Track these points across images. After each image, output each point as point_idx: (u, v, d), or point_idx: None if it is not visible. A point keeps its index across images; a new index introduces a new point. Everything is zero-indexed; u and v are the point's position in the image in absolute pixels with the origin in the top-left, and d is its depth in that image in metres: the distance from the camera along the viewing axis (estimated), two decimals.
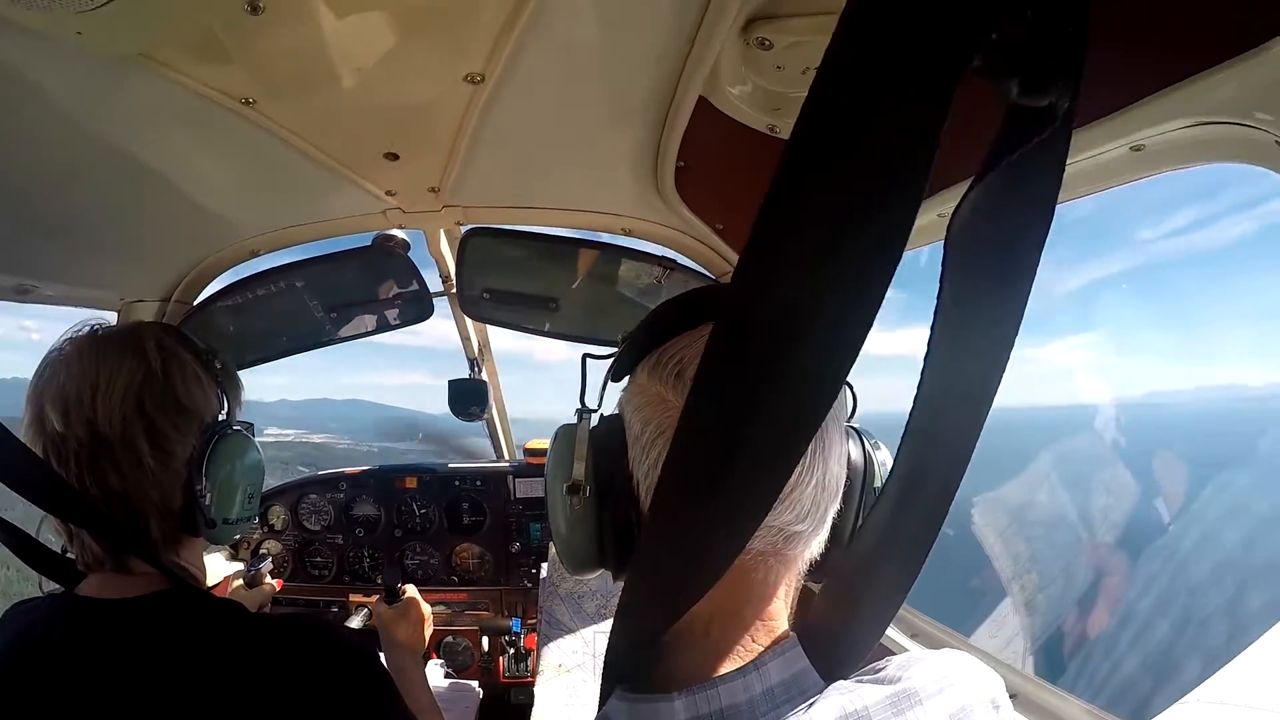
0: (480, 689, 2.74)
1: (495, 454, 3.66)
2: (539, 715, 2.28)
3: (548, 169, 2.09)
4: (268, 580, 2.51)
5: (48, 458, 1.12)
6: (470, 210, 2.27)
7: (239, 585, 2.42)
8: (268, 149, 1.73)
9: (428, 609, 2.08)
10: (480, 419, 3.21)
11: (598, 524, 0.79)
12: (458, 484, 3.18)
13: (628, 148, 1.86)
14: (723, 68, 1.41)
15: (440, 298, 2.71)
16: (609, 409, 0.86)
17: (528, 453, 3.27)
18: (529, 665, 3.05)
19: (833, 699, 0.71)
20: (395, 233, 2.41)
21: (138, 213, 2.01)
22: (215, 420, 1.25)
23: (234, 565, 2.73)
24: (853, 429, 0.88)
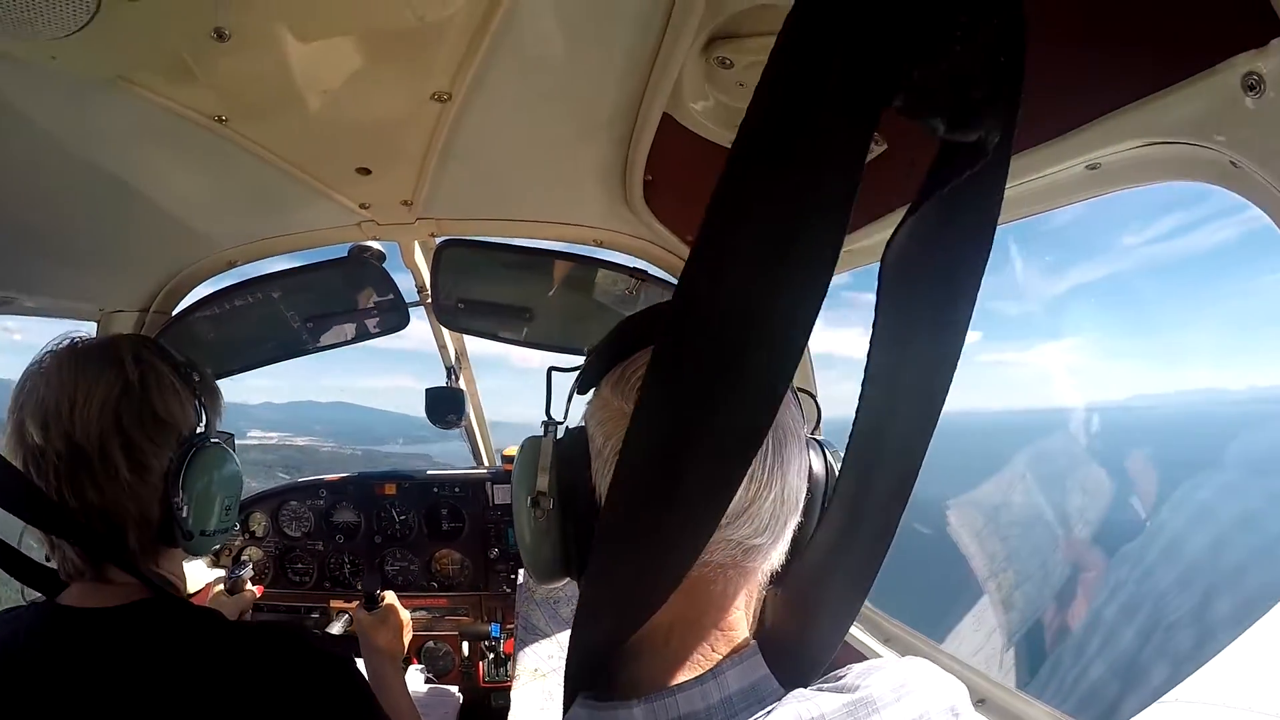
0: (460, 694, 2.76)
1: (474, 460, 3.68)
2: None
3: (518, 183, 2.13)
4: (249, 587, 2.52)
5: (27, 470, 1.13)
6: (443, 223, 2.31)
7: (220, 592, 2.43)
8: (242, 164, 1.77)
9: (407, 615, 2.08)
10: (458, 426, 3.21)
11: (561, 535, 0.79)
12: (437, 490, 3.19)
13: (596, 162, 1.90)
14: (685, 85, 1.44)
15: (416, 307, 2.74)
16: (576, 421, 0.86)
17: (506, 459, 3.27)
18: (508, 670, 3.05)
19: (790, 707, 0.72)
20: (370, 244, 2.44)
21: (116, 225, 2.04)
22: (193, 433, 1.25)
23: (215, 572, 2.73)
24: (815, 441, 0.87)
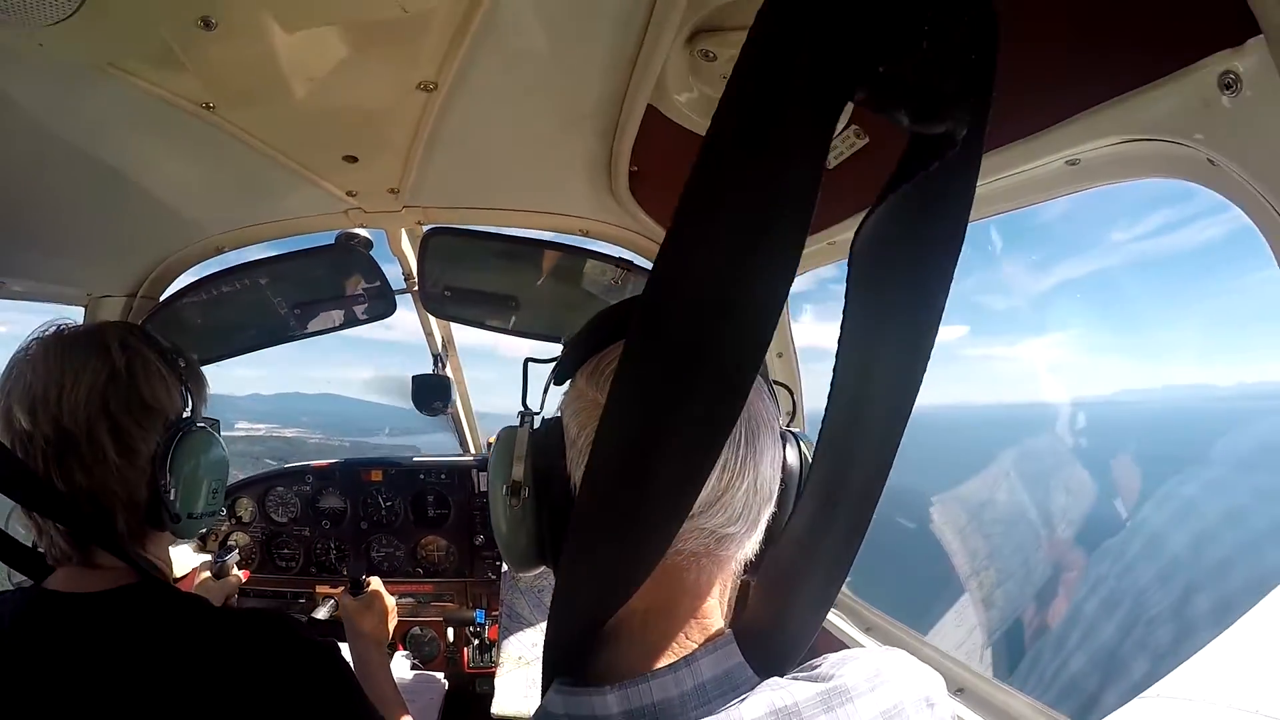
0: (445, 680, 2.78)
1: (460, 448, 3.70)
2: (499, 707, 2.32)
3: (504, 172, 2.15)
4: (234, 571, 2.54)
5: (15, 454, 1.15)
6: (430, 211, 2.33)
7: (206, 577, 2.45)
8: (230, 151, 1.78)
9: (391, 601, 2.08)
10: (444, 413, 3.22)
11: (537, 524, 0.80)
12: (423, 477, 3.20)
13: (581, 153, 1.92)
14: (669, 77, 1.46)
15: (403, 295, 2.76)
16: (553, 413, 0.87)
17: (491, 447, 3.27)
18: (493, 656, 3.06)
19: (764, 695, 0.72)
20: (358, 231, 2.46)
21: (104, 211, 2.05)
22: (179, 417, 1.26)
23: (202, 557, 2.73)
24: (790, 433, 0.88)
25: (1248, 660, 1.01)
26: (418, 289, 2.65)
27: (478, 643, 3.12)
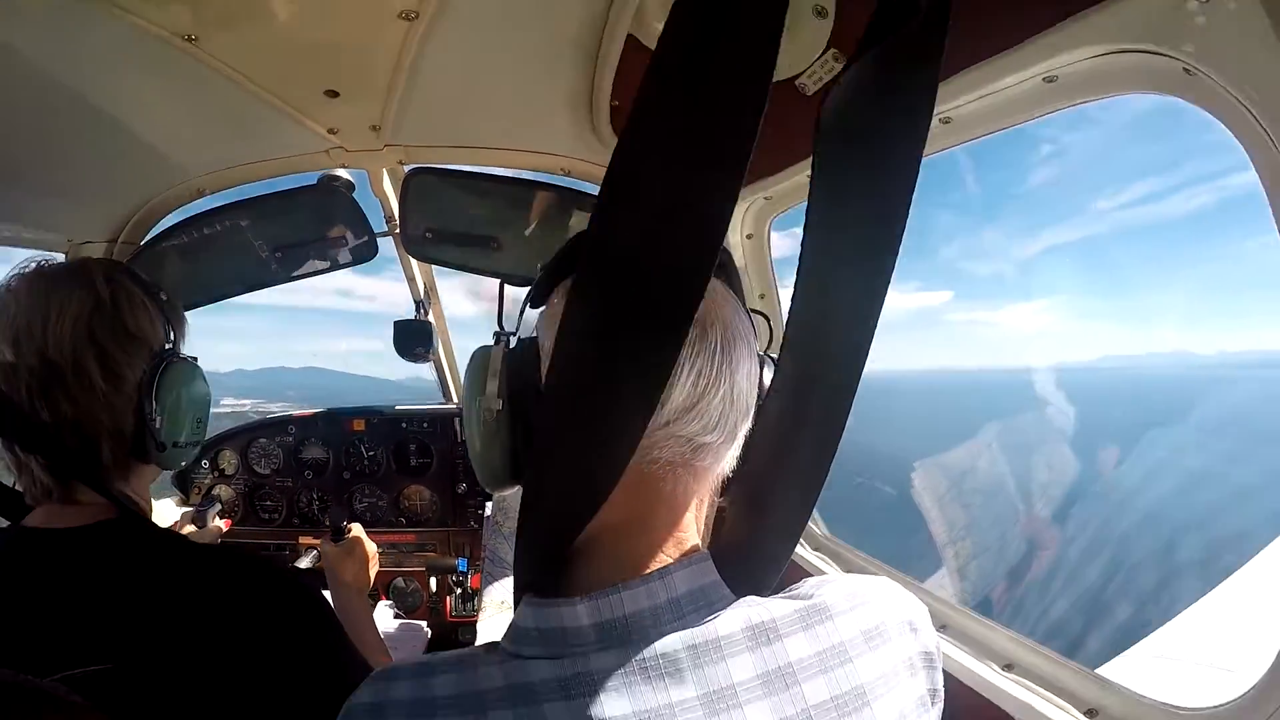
0: (428, 629, 2.82)
1: (442, 396, 3.71)
2: None
3: (486, 108, 2.15)
4: (215, 522, 2.57)
5: None
6: (412, 150, 2.33)
7: (190, 529, 2.48)
8: (211, 86, 1.77)
9: (373, 547, 2.10)
10: (426, 360, 3.20)
11: (511, 439, 0.79)
12: (405, 426, 3.22)
13: (563, 87, 1.92)
14: (649, 3, 1.47)
15: (385, 238, 2.75)
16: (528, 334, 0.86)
17: None
18: (475, 604, 3.09)
19: (740, 610, 0.72)
20: (340, 172, 2.45)
21: (84, 153, 2.04)
22: (163, 348, 1.28)
23: (185, 509, 2.75)
24: (769, 357, 0.87)
25: (1228, 623, 1.07)
26: (399, 230, 2.65)
27: (460, 591, 3.17)
